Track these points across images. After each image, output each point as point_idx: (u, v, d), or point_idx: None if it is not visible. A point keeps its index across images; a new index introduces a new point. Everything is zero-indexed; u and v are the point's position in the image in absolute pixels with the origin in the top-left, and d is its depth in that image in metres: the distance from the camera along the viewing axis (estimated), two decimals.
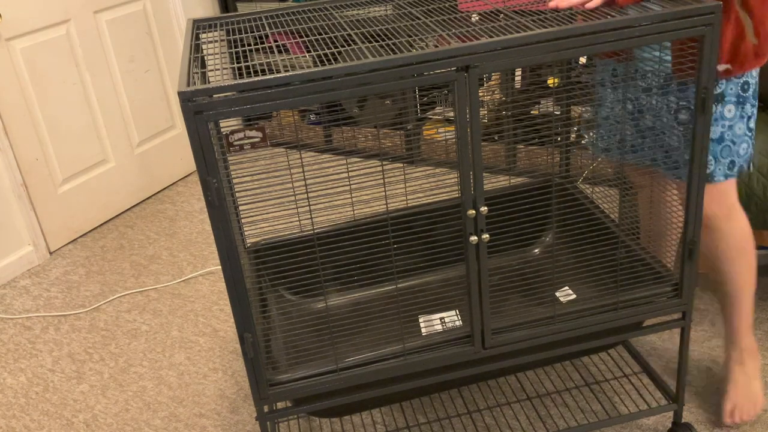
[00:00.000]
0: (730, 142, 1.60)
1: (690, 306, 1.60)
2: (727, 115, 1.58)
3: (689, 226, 1.51)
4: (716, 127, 1.59)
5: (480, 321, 1.49)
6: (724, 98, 1.57)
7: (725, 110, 1.58)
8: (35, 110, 2.93)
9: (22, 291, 2.81)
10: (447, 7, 1.59)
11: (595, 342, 1.61)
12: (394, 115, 3.50)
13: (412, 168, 3.41)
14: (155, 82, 3.46)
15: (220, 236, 1.28)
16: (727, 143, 1.60)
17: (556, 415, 1.92)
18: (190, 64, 1.31)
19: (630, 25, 1.29)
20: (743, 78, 1.56)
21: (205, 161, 1.22)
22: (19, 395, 2.25)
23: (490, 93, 3.21)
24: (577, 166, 2.05)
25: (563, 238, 1.99)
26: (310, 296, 1.91)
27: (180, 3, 3.50)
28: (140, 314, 2.59)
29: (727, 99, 1.57)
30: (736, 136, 1.60)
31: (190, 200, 3.43)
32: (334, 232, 1.88)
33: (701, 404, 1.91)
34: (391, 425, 1.95)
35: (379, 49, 1.31)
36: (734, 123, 1.59)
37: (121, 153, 3.33)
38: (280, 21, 1.62)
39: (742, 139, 1.61)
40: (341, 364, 1.47)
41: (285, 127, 3.86)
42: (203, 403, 2.13)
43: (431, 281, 1.96)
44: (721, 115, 1.58)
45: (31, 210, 2.95)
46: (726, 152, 1.60)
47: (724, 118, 1.58)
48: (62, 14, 2.98)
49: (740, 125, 1.60)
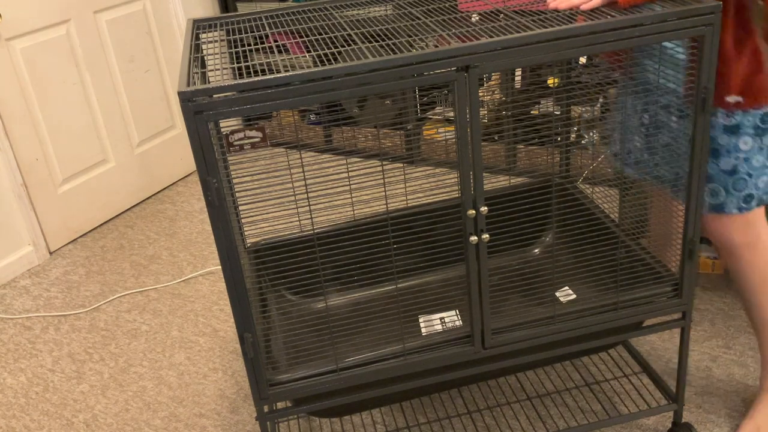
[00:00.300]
0: (746, 174, 1.54)
1: (690, 306, 1.60)
2: (743, 148, 1.52)
3: (688, 226, 1.51)
4: (728, 159, 1.53)
5: (480, 321, 1.49)
6: (739, 130, 1.51)
7: (740, 142, 1.52)
8: (35, 110, 2.93)
9: (22, 291, 2.81)
10: (447, 7, 1.59)
11: (595, 342, 1.61)
12: (394, 115, 3.50)
13: (412, 168, 3.41)
14: (155, 82, 3.46)
15: (220, 236, 1.28)
16: (741, 176, 1.54)
17: (556, 415, 1.92)
18: (190, 64, 1.31)
19: (630, 25, 1.29)
20: (763, 109, 1.50)
21: (205, 161, 1.22)
22: (19, 395, 2.25)
23: (490, 93, 3.21)
24: (577, 166, 2.05)
25: (563, 238, 1.99)
26: (310, 296, 1.91)
27: (180, 3, 3.50)
28: (140, 314, 2.59)
29: (743, 131, 1.51)
30: (754, 168, 1.54)
31: (190, 200, 3.43)
32: (334, 232, 1.88)
33: (701, 404, 1.91)
34: (391, 425, 1.95)
35: (379, 49, 1.31)
36: (751, 155, 1.53)
37: (121, 153, 3.33)
38: (280, 21, 1.62)
39: (762, 172, 1.55)
40: (341, 364, 1.47)
41: (285, 127, 3.86)
42: (203, 403, 2.13)
43: (431, 281, 1.96)
44: (735, 147, 1.52)
45: (31, 210, 2.95)
46: (741, 185, 1.55)
47: (739, 150, 1.52)
48: (62, 14, 2.98)
49: (758, 157, 1.53)
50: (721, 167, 1.55)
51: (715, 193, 1.58)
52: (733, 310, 2.23)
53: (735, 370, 2.01)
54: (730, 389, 1.95)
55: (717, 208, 1.59)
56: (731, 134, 1.52)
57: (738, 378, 1.98)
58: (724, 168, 1.55)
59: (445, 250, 1.96)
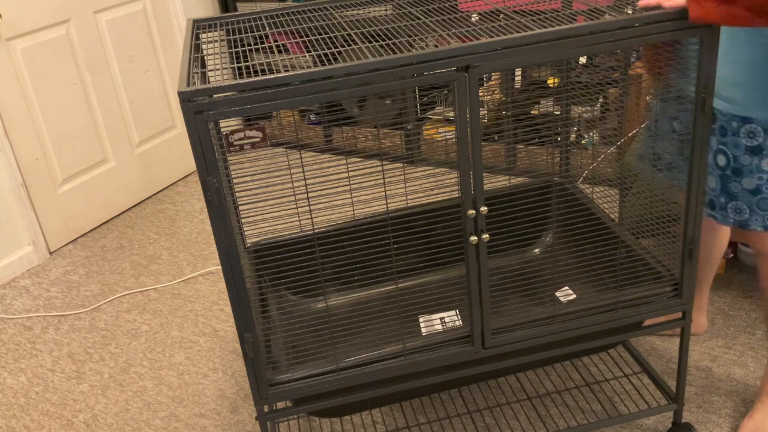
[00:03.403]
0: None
1: (690, 306, 1.60)
2: (765, 168, 1.54)
3: (688, 225, 1.51)
4: (751, 179, 1.55)
5: (480, 321, 1.49)
6: (762, 151, 1.53)
7: (763, 163, 1.54)
8: (35, 110, 2.93)
9: (22, 291, 2.81)
10: (447, 7, 1.59)
11: (595, 342, 1.61)
12: (394, 115, 3.50)
13: (412, 168, 3.41)
14: (155, 82, 3.46)
15: (220, 236, 1.28)
16: (765, 195, 1.56)
17: (556, 415, 1.92)
18: (190, 64, 1.31)
19: (630, 25, 1.29)
20: None
21: (205, 161, 1.22)
22: (19, 395, 2.25)
23: (490, 93, 3.21)
24: (577, 166, 2.05)
25: (563, 238, 1.99)
26: (310, 296, 1.91)
27: (180, 3, 3.50)
28: (140, 314, 2.59)
29: (765, 152, 1.53)
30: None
31: (190, 200, 3.43)
32: (334, 232, 1.88)
33: (701, 404, 1.91)
34: (391, 425, 1.95)
35: (379, 49, 1.31)
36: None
37: (121, 153, 3.33)
38: (280, 21, 1.62)
39: None
40: (341, 364, 1.47)
41: (285, 127, 3.86)
42: (203, 403, 2.13)
43: (431, 281, 1.96)
44: (757, 168, 1.54)
45: (31, 210, 2.95)
46: (764, 204, 1.57)
47: (762, 171, 1.54)
48: (62, 14, 2.98)
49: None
50: (744, 186, 1.58)
51: (740, 211, 1.60)
52: (733, 310, 2.23)
53: (735, 370, 2.01)
54: (730, 389, 1.95)
55: (742, 225, 1.62)
56: (753, 155, 1.55)
57: (738, 378, 1.98)
58: (747, 187, 1.57)
59: (445, 250, 1.96)
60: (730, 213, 1.61)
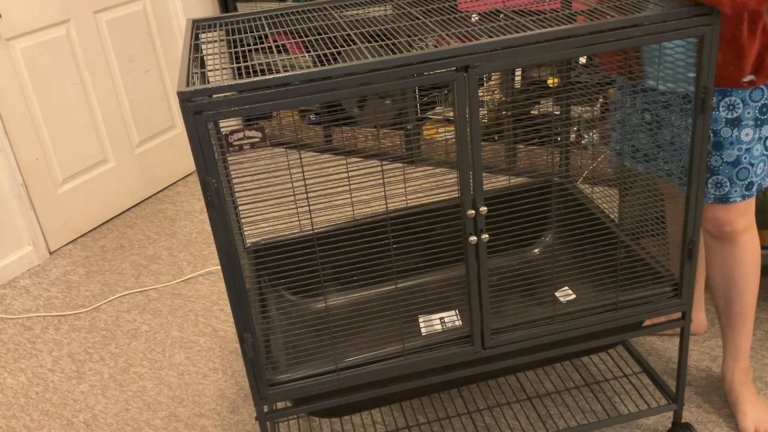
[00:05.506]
0: (748, 164, 1.59)
1: (690, 306, 1.60)
2: (744, 139, 1.57)
3: (688, 225, 1.51)
4: (731, 151, 1.58)
5: (480, 321, 1.49)
6: (740, 122, 1.55)
7: (742, 134, 1.56)
8: (35, 110, 2.93)
9: (22, 291, 2.81)
10: (447, 7, 1.59)
11: (595, 342, 1.61)
12: (394, 115, 3.50)
13: (412, 168, 3.41)
14: (155, 82, 3.46)
15: (220, 236, 1.28)
16: (744, 166, 1.59)
17: (556, 415, 1.92)
18: (190, 64, 1.31)
19: (630, 24, 1.29)
20: (762, 101, 1.55)
21: (204, 161, 1.22)
22: (19, 395, 2.25)
23: (490, 93, 3.21)
24: (577, 166, 2.05)
25: (563, 238, 1.99)
26: (310, 296, 1.91)
27: (180, 3, 3.50)
28: (140, 314, 2.59)
29: (744, 123, 1.55)
30: (754, 157, 1.59)
31: (190, 200, 3.43)
32: (333, 232, 1.88)
33: (701, 404, 1.91)
34: (391, 425, 1.95)
35: (379, 49, 1.31)
36: (752, 146, 1.58)
37: (121, 153, 3.33)
38: (280, 21, 1.62)
39: (760, 160, 1.60)
40: (341, 364, 1.47)
41: (285, 127, 3.86)
42: (203, 403, 2.13)
43: (431, 281, 1.96)
44: (737, 139, 1.57)
45: (31, 210, 2.95)
46: (743, 174, 1.60)
47: (741, 142, 1.57)
48: (62, 14, 2.98)
49: (758, 147, 1.59)
50: (724, 159, 1.59)
51: (720, 185, 1.62)
52: None
53: None
54: None
55: (722, 199, 1.63)
56: (733, 127, 1.56)
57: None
58: (728, 159, 1.59)
59: (445, 250, 1.96)
60: (711, 189, 1.63)
